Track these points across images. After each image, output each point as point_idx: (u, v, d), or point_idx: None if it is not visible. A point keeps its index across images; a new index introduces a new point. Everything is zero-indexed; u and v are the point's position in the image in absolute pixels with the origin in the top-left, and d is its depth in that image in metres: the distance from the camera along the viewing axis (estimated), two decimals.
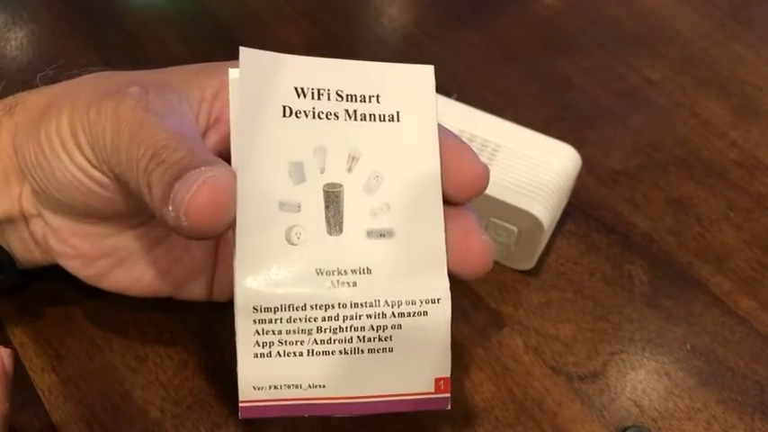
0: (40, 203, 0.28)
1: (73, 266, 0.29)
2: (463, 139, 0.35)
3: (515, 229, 0.34)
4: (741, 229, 0.39)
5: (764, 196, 0.40)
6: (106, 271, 0.29)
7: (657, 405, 0.32)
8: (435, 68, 0.25)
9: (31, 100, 0.28)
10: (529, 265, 0.35)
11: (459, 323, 0.34)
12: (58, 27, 0.46)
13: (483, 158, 0.34)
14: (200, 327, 0.33)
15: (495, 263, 0.36)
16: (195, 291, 0.30)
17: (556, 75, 0.46)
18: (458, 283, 0.35)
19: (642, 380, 0.33)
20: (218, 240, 0.29)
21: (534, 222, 0.33)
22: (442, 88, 0.39)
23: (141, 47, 0.45)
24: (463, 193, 0.24)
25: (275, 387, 0.22)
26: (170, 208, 0.21)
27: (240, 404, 0.23)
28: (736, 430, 0.31)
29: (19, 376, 0.31)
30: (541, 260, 0.36)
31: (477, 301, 0.35)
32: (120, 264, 0.29)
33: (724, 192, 0.40)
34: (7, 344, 0.32)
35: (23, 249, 0.30)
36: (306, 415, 0.23)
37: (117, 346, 0.32)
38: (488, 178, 0.24)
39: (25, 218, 0.29)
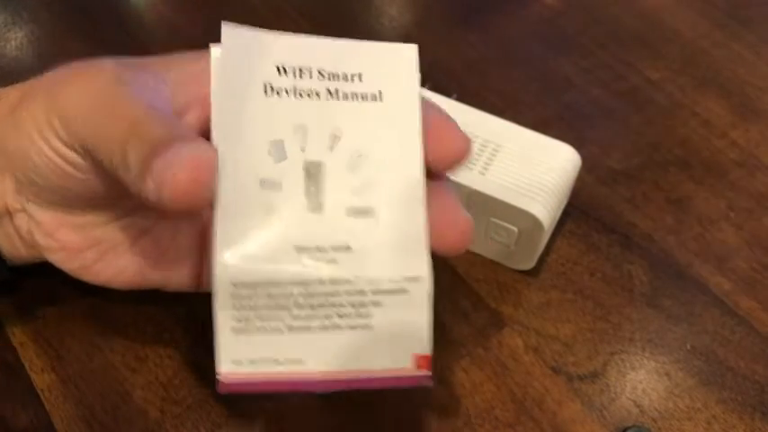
0: (23, 196, 0.28)
1: (58, 259, 0.29)
2: None
3: (515, 229, 0.34)
4: (741, 228, 0.39)
5: (764, 196, 0.40)
6: (92, 263, 0.29)
7: (657, 405, 0.32)
8: (436, 69, 0.25)
9: (12, 93, 0.28)
10: (529, 265, 0.35)
11: (459, 323, 0.34)
12: (58, 27, 0.46)
13: (483, 158, 0.34)
14: (200, 327, 0.33)
15: (495, 263, 0.36)
16: (183, 281, 0.29)
17: (556, 75, 0.46)
18: (458, 284, 0.35)
19: (642, 380, 0.33)
20: (204, 229, 0.29)
21: (534, 222, 0.33)
22: (443, 88, 0.39)
23: (142, 47, 0.45)
24: (444, 163, 0.24)
25: (254, 362, 0.22)
26: (150, 184, 0.21)
27: (219, 378, 0.22)
28: (736, 430, 0.31)
29: (19, 376, 0.31)
30: (541, 260, 0.36)
31: (477, 300, 0.35)
32: (106, 255, 0.29)
33: (724, 192, 0.40)
34: (7, 344, 0.32)
35: (9, 245, 0.30)
36: (284, 391, 0.22)
37: (117, 347, 0.32)
38: (470, 149, 0.24)
39: (9, 213, 0.29)
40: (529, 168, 0.34)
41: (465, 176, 0.33)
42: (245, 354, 0.22)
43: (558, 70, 0.46)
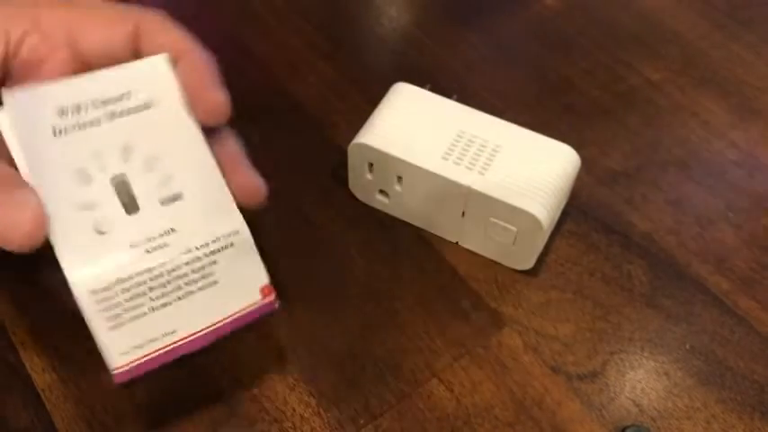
0: None
1: None
2: (463, 139, 0.35)
3: (515, 229, 0.34)
4: (740, 229, 0.39)
5: (763, 196, 0.40)
6: None
7: (656, 404, 0.32)
8: (436, 69, 0.26)
9: None
10: (528, 264, 0.36)
11: (458, 322, 0.34)
12: None
13: (482, 159, 0.34)
14: None
15: (495, 263, 0.36)
16: None
17: (555, 75, 0.46)
18: (458, 284, 0.35)
19: (641, 379, 0.33)
20: None
21: (534, 222, 0.33)
22: (443, 89, 0.39)
23: None
24: (210, 119, 0.28)
25: (137, 347, 0.26)
26: None
27: (113, 372, 0.26)
28: (735, 430, 0.31)
29: (20, 376, 0.31)
30: (541, 260, 0.36)
31: (476, 300, 0.35)
32: None
33: (723, 192, 0.40)
34: (8, 343, 0.32)
35: None
36: (170, 359, 0.26)
37: None
38: (228, 105, 0.28)
39: None
40: (528, 168, 0.34)
41: (465, 176, 0.33)
42: (127, 344, 0.26)
43: (557, 71, 0.46)
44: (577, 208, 0.39)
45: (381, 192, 0.37)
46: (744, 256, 0.37)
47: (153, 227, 0.26)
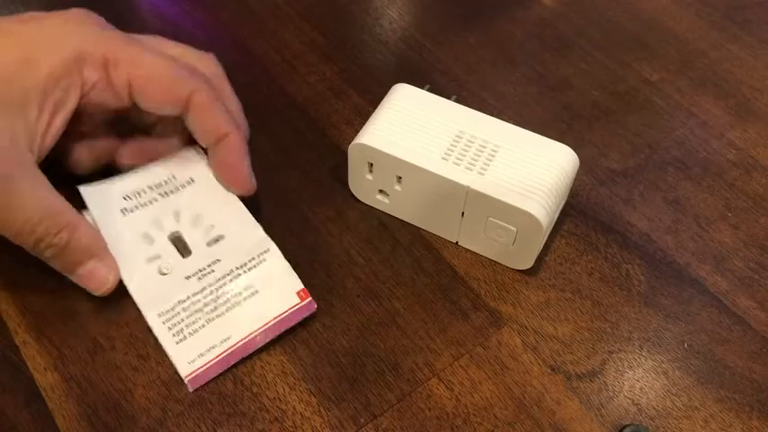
0: None
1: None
2: (462, 139, 0.35)
3: (514, 228, 0.34)
4: (738, 228, 0.39)
5: (761, 196, 0.40)
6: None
7: (655, 404, 0.32)
8: (435, 69, 0.26)
9: None
10: (527, 264, 0.36)
11: (458, 322, 0.34)
12: None
13: (482, 159, 0.34)
14: None
15: (494, 262, 0.36)
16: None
17: (554, 76, 0.46)
18: (457, 283, 0.35)
19: (640, 378, 0.33)
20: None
21: (533, 222, 0.33)
22: (442, 89, 0.39)
23: None
24: (239, 192, 0.36)
25: (201, 354, 0.32)
26: (77, 277, 0.32)
27: (186, 379, 0.31)
28: (733, 429, 0.32)
29: (22, 375, 0.32)
30: (540, 260, 0.36)
31: (476, 300, 0.35)
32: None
33: (721, 192, 0.40)
34: (10, 342, 0.32)
35: None
36: (232, 363, 0.32)
37: (119, 345, 0.32)
38: (254, 185, 0.36)
39: None
40: (528, 169, 0.34)
41: (464, 176, 0.34)
42: (192, 353, 0.32)
43: (556, 71, 0.46)
44: (576, 208, 0.39)
45: (381, 192, 0.37)
46: (742, 255, 0.38)
47: (202, 262, 0.34)
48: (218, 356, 0.31)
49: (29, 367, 0.32)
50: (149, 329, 0.32)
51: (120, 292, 0.34)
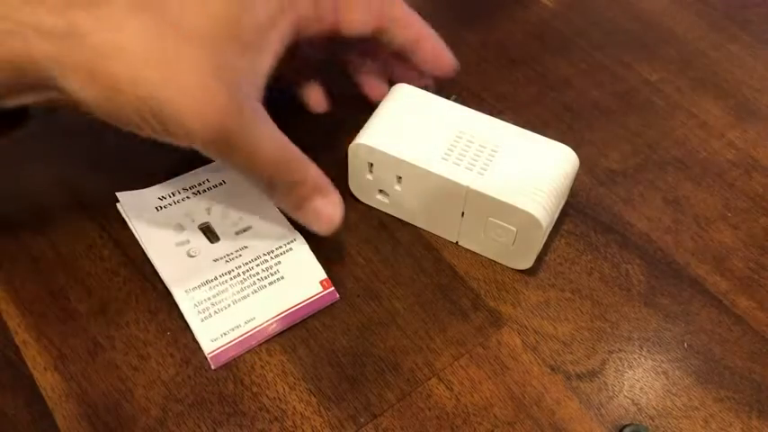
0: None
1: None
2: (462, 139, 0.35)
3: (514, 228, 0.34)
4: (738, 228, 0.39)
5: (761, 196, 0.40)
6: None
7: (655, 403, 0.32)
8: None
9: None
10: (527, 264, 0.36)
11: (458, 322, 0.34)
12: None
13: (482, 159, 0.34)
14: None
15: (494, 262, 0.36)
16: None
17: (554, 76, 0.46)
18: (457, 283, 0.35)
19: (640, 378, 0.33)
20: None
21: (533, 222, 0.33)
22: (442, 89, 0.39)
23: None
24: (445, 74, 0.39)
25: (224, 333, 0.33)
26: (304, 215, 0.33)
27: (209, 356, 0.32)
28: (733, 429, 0.32)
29: (22, 375, 0.32)
30: (540, 259, 0.36)
31: (475, 300, 0.35)
32: None
33: (721, 192, 0.40)
34: (10, 342, 0.32)
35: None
36: (254, 343, 0.33)
37: (119, 345, 0.32)
38: (454, 60, 0.39)
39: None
40: (527, 168, 0.34)
41: (464, 176, 0.34)
42: (216, 331, 0.33)
43: (556, 71, 0.46)
44: (576, 208, 0.39)
45: (381, 192, 0.37)
46: (742, 255, 0.38)
47: (230, 247, 0.35)
48: (240, 336, 0.32)
49: (29, 367, 0.32)
50: (154, 326, 0.32)
51: (121, 293, 0.34)
